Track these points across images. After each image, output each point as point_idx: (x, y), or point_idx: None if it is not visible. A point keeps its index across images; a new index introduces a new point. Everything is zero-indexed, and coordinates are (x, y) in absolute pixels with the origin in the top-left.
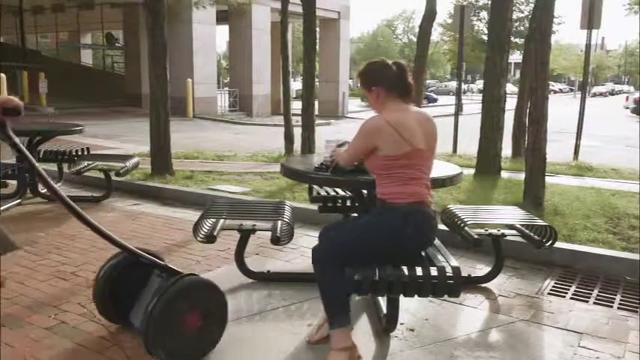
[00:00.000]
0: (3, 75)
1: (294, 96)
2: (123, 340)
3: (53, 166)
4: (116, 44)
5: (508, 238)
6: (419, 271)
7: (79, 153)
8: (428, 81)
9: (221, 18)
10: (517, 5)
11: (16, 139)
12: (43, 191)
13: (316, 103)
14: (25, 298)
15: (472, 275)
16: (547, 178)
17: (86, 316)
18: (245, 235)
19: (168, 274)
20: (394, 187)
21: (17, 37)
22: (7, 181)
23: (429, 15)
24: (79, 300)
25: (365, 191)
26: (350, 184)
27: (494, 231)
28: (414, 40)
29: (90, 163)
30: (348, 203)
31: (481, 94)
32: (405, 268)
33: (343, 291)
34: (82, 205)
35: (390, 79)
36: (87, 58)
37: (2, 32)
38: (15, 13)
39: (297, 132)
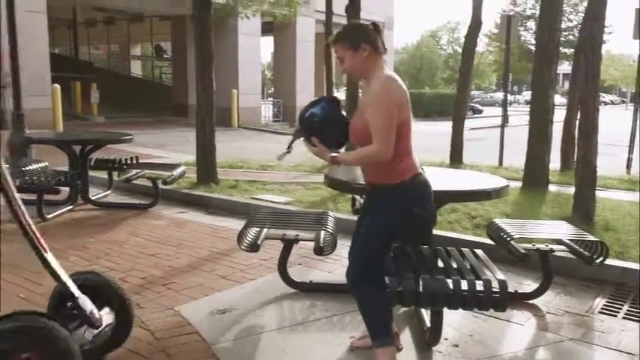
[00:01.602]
0: (57, 85)
1: None
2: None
3: (104, 174)
4: (164, 56)
5: (556, 253)
6: (464, 284)
7: (128, 161)
8: (473, 92)
9: (266, 29)
10: (566, 15)
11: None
12: (94, 198)
13: None
14: None
15: (519, 291)
16: (597, 193)
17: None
18: (288, 244)
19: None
20: (401, 164)
21: (71, 49)
22: (60, 187)
23: (475, 25)
24: None
25: None
26: None
27: (541, 246)
28: (459, 50)
29: (138, 171)
30: None
31: (528, 106)
32: (449, 281)
33: (383, 310)
34: (132, 212)
35: (376, 37)
36: (136, 68)
37: (57, 44)
38: (69, 26)
39: None
